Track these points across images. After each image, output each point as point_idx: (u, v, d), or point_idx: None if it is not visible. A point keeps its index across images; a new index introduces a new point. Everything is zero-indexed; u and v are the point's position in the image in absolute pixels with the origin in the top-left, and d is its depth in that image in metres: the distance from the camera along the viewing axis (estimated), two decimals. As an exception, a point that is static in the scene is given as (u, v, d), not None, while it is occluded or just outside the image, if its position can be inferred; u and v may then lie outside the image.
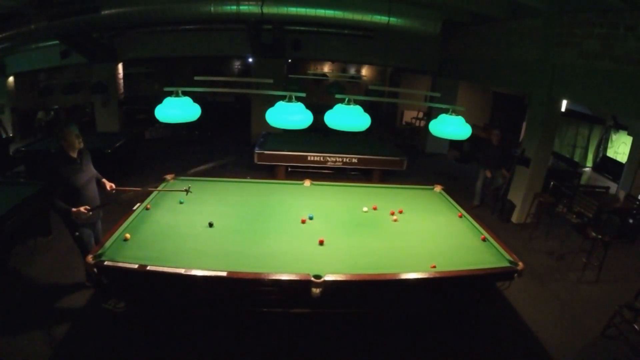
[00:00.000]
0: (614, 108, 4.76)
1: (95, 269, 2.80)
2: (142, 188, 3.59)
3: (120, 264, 2.81)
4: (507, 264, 3.17)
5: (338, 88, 8.12)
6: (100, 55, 8.47)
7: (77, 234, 3.41)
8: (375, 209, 4.15)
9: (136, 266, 2.79)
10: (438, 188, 4.84)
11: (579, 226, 5.04)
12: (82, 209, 3.18)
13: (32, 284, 3.88)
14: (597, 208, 4.94)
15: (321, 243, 3.31)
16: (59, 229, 4.45)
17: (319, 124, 3.86)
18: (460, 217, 4.09)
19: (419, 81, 11.89)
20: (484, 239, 3.59)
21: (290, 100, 3.20)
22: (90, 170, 3.50)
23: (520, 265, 3.11)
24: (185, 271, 2.75)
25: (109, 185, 3.57)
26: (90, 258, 2.83)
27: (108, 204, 3.55)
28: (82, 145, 3.34)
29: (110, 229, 3.27)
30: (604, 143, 7.80)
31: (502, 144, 6.30)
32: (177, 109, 3.09)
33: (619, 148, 7.43)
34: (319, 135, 7.72)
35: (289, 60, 10.12)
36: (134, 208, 3.68)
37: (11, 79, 9.24)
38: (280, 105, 3.21)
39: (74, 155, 3.31)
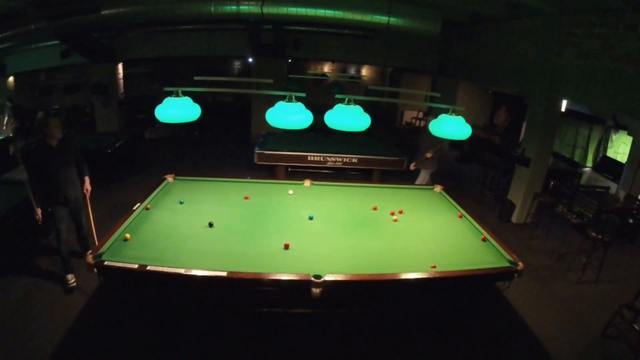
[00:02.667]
0: (614, 108, 4.76)
1: (95, 269, 2.81)
2: None
3: (120, 264, 2.81)
4: (507, 264, 3.17)
5: (338, 88, 8.11)
6: (100, 55, 8.47)
7: (49, 210, 3.75)
8: (375, 209, 4.16)
9: (136, 266, 2.79)
10: (438, 188, 4.84)
11: (579, 226, 5.03)
12: (37, 214, 3.67)
13: (32, 283, 3.87)
14: (597, 208, 4.93)
15: (286, 247, 3.27)
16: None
17: (319, 124, 3.86)
18: (460, 217, 4.09)
19: (419, 81, 11.90)
20: (484, 239, 3.59)
21: (290, 100, 3.20)
22: (69, 160, 3.81)
23: (520, 265, 3.11)
24: (185, 271, 2.75)
25: (86, 187, 3.96)
26: (90, 258, 2.83)
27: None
28: (61, 135, 3.70)
29: (111, 229, 3.27)
30: (604, 143, 7.81)
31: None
32: (177, 109, 3.08)
33: (619, 148, 7.44)
34: (319, 135, 7.72)
35: (289, 60, 10.11)
36: (134, 208, 3.68)
37: (11, 79, 9.24)
38: (280, 105, 3.20)
39: (54, 143, 3.66)
